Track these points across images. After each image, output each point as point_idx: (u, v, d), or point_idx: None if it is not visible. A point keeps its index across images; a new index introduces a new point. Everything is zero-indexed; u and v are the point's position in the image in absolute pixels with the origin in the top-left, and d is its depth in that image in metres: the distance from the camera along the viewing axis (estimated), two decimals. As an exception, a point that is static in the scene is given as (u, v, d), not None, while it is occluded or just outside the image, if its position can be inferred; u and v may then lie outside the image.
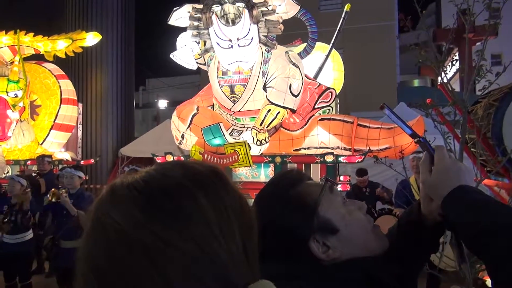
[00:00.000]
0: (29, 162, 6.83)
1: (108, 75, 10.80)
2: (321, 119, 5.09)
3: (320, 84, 5.31)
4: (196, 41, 5.21)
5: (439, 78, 2.56)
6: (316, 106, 5.18)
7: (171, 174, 0.48)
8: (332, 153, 4.70)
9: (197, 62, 5.44)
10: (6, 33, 7.20)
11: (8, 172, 6.79)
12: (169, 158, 5.16)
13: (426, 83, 18.64)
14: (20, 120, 6.96)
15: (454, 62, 10.63)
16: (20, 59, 7.04)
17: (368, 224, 0.83)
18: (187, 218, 0.44)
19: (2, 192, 4.71)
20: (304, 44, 5.42)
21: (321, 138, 5.00)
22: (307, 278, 0.72)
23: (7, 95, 6.75)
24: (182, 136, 5.32)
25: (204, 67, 5.49)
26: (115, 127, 10.90)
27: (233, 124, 5.32)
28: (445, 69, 2.50)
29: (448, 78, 2.54)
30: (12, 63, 7.19)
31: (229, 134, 5.12)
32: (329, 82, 5.74)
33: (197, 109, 5.29)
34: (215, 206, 0.46)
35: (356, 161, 4.72)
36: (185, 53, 5.25)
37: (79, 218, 3.92)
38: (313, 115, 5.20)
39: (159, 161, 5.41)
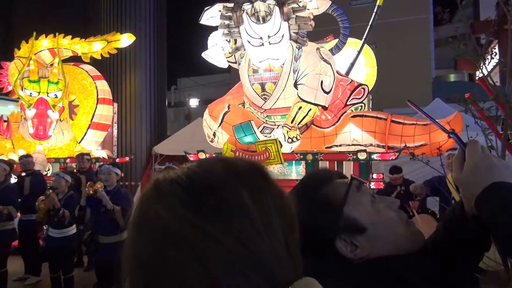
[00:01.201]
0: (68, 160, 7.11)
1: (142, 75, 11.06)
2: (354, 116, 5.02)
3: (352, 81, 5.24)
4: (227, 40, 5.25)
5: (477, 72, 2.46)
6: (348, 103, 5.11)
7: (214, 170, 0.48)
8: (365, 151, 4.63)
9: (228, 61, 5.49)
10: (46, 37, 7.52)
11: (49, 169, 7.09)
12: (202, 155, 5.23)
13: (463, 78, 17.90)
14: (60, 119, 7.25)
15: (493, 55, 10.18)
16: (59, 61, 7.33)
17: (400, 221, 0.80)
18: (231, 215, 0.44)
19: (48, 188, 4.97)
20: (336, 40, 5.36)
21: (353, 135, 4.92)
22: (336, 277, 0.71)
23: (48, 96, 7.05)
24: (214, 134, 5.38)
25: (235, 66, 5.53)
26: (149, 126, 11.15)
27: (264, 122, 5.33)
28: (485, 62, 2.40)
29: (487, 72, 2.44)
30: (52, 65, 7.50)
31: (260, 131, 5.13)
32: (361, 78, 5.64)
33: (228, 107, 5.34)
34: (258, 203, 0.46)
35: (390, 158, 4.61)
36: (216, 52, 5.31)
37: (115, 213, 4.05)
38: (345, 112, 5.13)
39: (191, 158, 5.51)
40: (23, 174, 5.85)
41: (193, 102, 19.48)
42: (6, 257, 4.87)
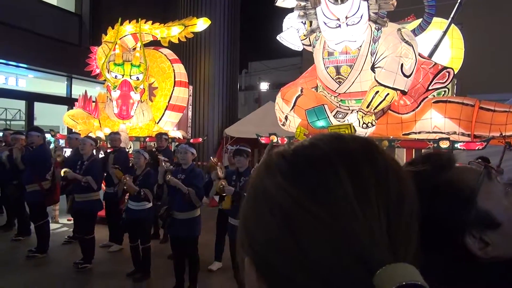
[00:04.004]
0: (147, 139, 7.57)
1: (215, 59, 11.34)
2: (436, 102, 4.69)
3: (435, 64, 4.89)
4: (302, 22, 5.16)
5: None
6: (430, 88, 4.79)
7: (319, 145, 0.48)
8: (448, 139, 4.31)
9: (302, 43, 5.40)
10: (129, 22, 7.97)
11: (131, 147, 7.61)
12: (273, 138, 5.26)
13: None
14: (141, 101, 7.70)
15: None
16: (141, 46, 7.75)
17: None
18: (326, 189, 0.44)
19: (130, 165, 5.33)
20: (419, 20, 5.01)
21: (434, 122, 4.62)
22: (458, 276, 0.63)
23: (131, 78, 7.51)
24: (286, 118, 5.37)
25: (309, 48, 5.43)
26: (221, 109, 11.47)
27: (337, 106, 5.20)
28: None
29: None
30: (134, 49, 7.96)
31: (334, 116, 5.01)
32: (445, 61, 5.25)
33: (301, 91, 5.28)
34: (357, 182, 0.44)
35: (477, 148, 4.24)
36: (291, 34, 5.24)
37: (190, 195, 4.25)
38: (427, 97, 4.82)
39: (263, 141, 5.56)
40: (109, 150, 6.35)
41: (263, 86, 19.62)
42: (93, 225, 5.30)
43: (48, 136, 7.06)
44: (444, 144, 4.27)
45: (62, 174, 5.14)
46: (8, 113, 13.96)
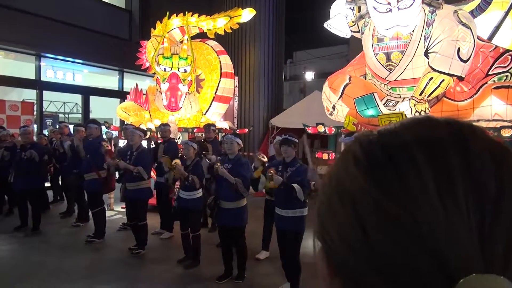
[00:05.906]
0: (195, 129, 7.73)
1: (261, 49, 11.33)
2: (497, 87, 4.40)
3: (496, 47, 4.58)
4: (350, 8, 5.00)
5: None
6: (490, 72, 4.50)
7: (400, 132, 0.44)
8: (511, 127, 4.03)
9: (351, 30, 5.24)
10: (176, 16, 8.14)
11: (179, 138, 7.82)
12: (321, 128, 5.18)
13: None
14: (188, 92, 7.87)
15: None
16: (188, 38, 7.89)
17: None
18: (399, 180, 0.39)
19: (180, 155, 5.48)
20: (478, 1, 4.69)
21: (495, 109, 4.33)
22: None
23: (179, 71, 7.69)
24: (333, 107, 5.26)
25: (357, 35, 5.26)
26: (266, 99, 11.47)
27: (388, 94, 5.02)
28: None
29: None
30: (181, 42, 8.12)
31: (384, 104, 4.85)
32: (507, 43, 4.88)
33: (349, 79, 5.15)
34: (441, 175, 0.39)
35: (543, 136, 3.94)
36: (339, 21, 5.09)
37: (237, 185, 4.30)
38: (486, 82, 4.53)
39: (310, 131, 5.50)
40: (159, 141, 6.57)
41: (309, 76, 19.37)
42: (145, 211, 5.53)
43: (103, 128, 7.43)
44: (507, 133, 3.99)
45: (113, 160, 5.39)
46: (66, 106, 14.85)
